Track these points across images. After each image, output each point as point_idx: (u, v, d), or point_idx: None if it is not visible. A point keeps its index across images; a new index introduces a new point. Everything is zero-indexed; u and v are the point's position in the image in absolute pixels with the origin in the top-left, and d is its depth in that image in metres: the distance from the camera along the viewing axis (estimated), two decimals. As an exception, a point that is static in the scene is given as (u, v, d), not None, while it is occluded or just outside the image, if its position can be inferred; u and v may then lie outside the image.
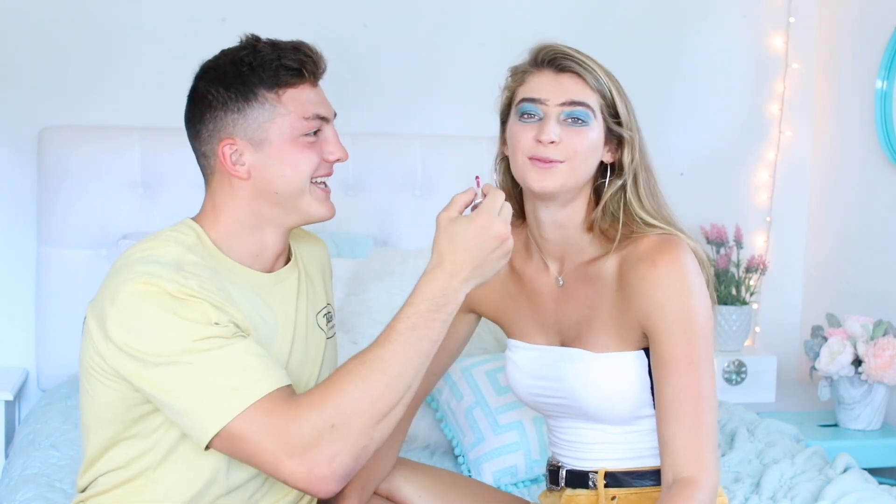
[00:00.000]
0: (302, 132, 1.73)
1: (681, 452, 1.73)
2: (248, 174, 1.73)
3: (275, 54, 1.72)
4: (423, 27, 3.40)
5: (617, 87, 1.83)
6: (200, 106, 1.74)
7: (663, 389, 1.76)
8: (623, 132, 1.82)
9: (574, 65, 1.80)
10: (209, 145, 1.75)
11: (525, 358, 1.94)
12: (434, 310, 1.65)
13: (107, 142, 3.11)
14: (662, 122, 3.61)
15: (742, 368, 3.41)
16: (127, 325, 1.62)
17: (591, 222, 1.85)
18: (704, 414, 1.73)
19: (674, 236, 1.81)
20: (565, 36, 1.88)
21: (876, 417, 3.11)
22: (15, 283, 3.18)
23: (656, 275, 1.76)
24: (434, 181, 3.31)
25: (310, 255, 1.95)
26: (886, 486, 2.37)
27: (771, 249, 3.70)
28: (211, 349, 1.60)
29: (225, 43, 1.81)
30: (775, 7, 3.64)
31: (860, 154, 3.46)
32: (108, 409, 1.71)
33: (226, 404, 1.59)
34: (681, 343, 1.75)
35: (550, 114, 1.79)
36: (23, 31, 3.14)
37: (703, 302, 1.78)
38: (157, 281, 1.62)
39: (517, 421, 2.53)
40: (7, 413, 2.98)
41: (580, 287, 1.87)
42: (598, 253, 1.85)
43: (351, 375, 1.62)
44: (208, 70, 1.76)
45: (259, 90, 1.72)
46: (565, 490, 1.93)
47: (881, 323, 3.04)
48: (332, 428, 1.59)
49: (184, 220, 1.79)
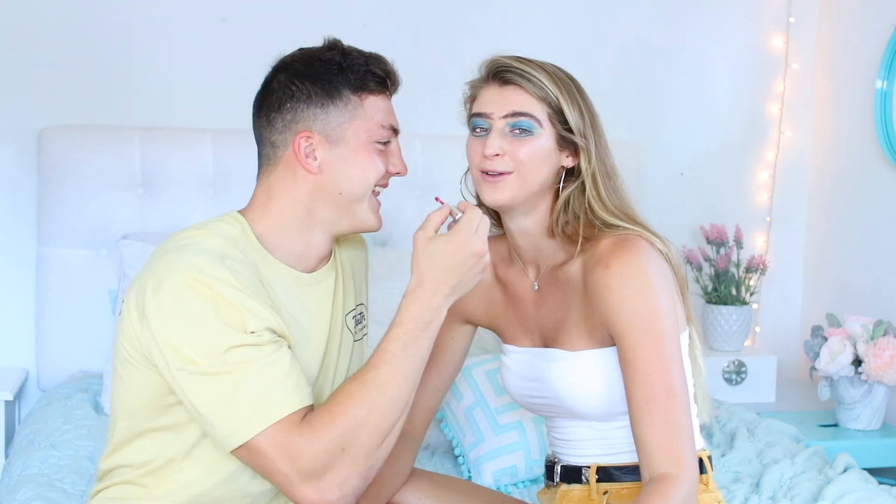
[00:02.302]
0: (376, 139, 1.78)
1: (655, 451, 1.73)
2: (318, 169, 1.75)
3: (363, 60, 1.78)
4: (424, 27, 3.40)
5: (567, 94, 1.82)
6: (280, 95, 1.76)
7: (632, 389, 1.77)
8: (575, 139, 1.82)
9: (516, 76, 1.82)
10: (283, 135, 1.76)
11: (514, 361, 1.97)
12: (420, 328, 1.70)
13: (107, 142, 3.10)
14: (662, 123, 3.61)
15: (742, 368, 3.41)
16: (167, 318, 1.64)
17: (551, 227, 1.87)
18: (676, 411, 1.74)
19: (631, 236, 1.81)
20: (564, 35, 1.89)
21: (876, 417, 3.11)
22: (15, 283, 3.18)
23: (609, 277, 1.77)
24: (434, 181, 3.31)
25: (351, 254, 1.96)
26: (886, 486, 2.38)
27: (771, 249, 3.70)
28: (243, 361, 1.63)
29: (225, 43, 1.81)
30: (775, 7, 3.64)
31: (860, 154, 3.46)
32: (138, 394, 1.73)
33: (251, 420, 1.62)
34: (643, 343, 1.76)
35: (495, 127, 1.82)
36: (23, 32, 3.14)
37: (663, 299, 1.77)
38: (201, 276, 1.63)
39: (517, 421, 2.53)
40: (7, 413, 2.97)
41: (554, 290, 1.89)
42: (566, 257, 1.88)
43: (353, 398, 1.66)
44: (292, 63, 1.78)
45: (345, 91, 1.76)
46: (561, 485, 1.95)
47: (881, 323, 3.04)
48: (342, 451, 1.64)
49: (230, 212, 1.80)
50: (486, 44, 2.01)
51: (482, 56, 1.90)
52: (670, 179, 3.62)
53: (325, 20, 3.28)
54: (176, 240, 1.72)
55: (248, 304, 1.64)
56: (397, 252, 3.06)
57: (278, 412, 1.62)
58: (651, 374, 1.75)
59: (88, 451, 2.48)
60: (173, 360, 1.64)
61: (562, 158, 1.84)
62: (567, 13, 3.47)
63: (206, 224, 1.76)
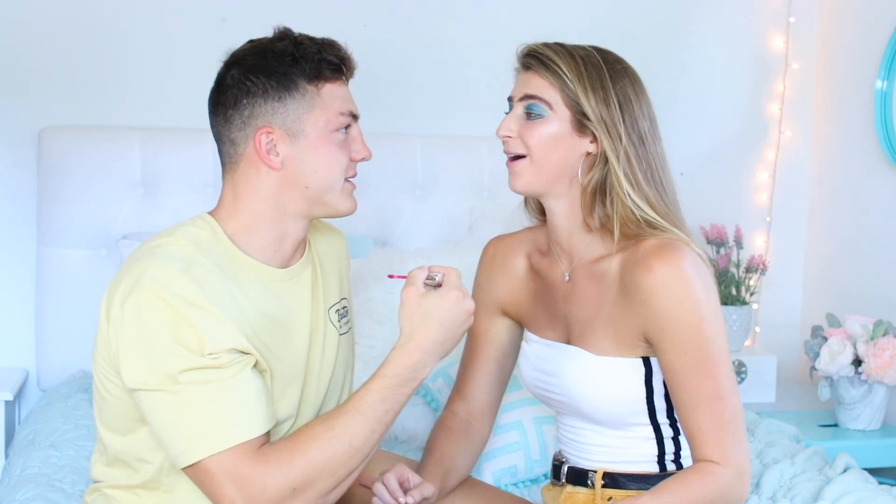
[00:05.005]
0: (336, 127, 1.74)
1: (702, 445, 1.76)
2: (280, 165, 1.73)
3: (315, 48, 1.74)
4: (424, 27, 3.39)
5: (588, 78, 1.82)
6: (235, 91, 1.73)
7: (676, 395, 1.78)
8: (591, 126, 1.81)
9: (533, 61, 1.84)
10: (243, 132, 1.73)
11: (534, 350, 1.96)
12: (401, 384, 1.70)
13: (107, 142, 3.10)
14: (662, 122, 3.56)
15: (742, 368, 3.41)
16: (129, 332, 1.64)
17: (586, 220, 1.86)
18: (723, 411, 1.76)
19: (674, 240, 1.79)
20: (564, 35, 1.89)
21: (876, 417, 3.11)
22: (15, 283, 3.17)
23: (653, 281, 1.76)
24: (434, 181, 3.31)
25: (327, 247, 1.94)
26: (886, 486, 2.37)
27: (771, 249, 3.70)
28: (198, 382, 1.62)
29: (225, 43, 1.81)
30: (775, 7, 3.64)
31: (860, 154, 3.46)
32: (112, 396, 1.73)
33: (202, 441, 1.62)
34: (688, 350, 1.75)
35: (514, 110, 1.85)
36: (23, 32, 3.14)
37: (707, 306, 1.76)
38: (164, 293, 1.62)
39: (517, 421, 2.52)
40: (7, 413, 2.97)
41: (586, 284, 1.88)
42: (603, 251, 1.86)
43: (317, 441, 1.66)
44: (244, 57, 1.75)
45: (300, 81, 1.72)
46: (566, 486, 1.95)
47: (881, 323, 3.04)
48: (293, 491, 1.64)
49: (200, 214, 1.79)
50: (486, 44, 2.01)
51: (482, 56, 1.91)
52: (670, 179, 3.62)
53: (325, 20, 3.28)
54: (149, 247, 1.72)
55: (208, 324, 1.63)
56: (397, 252, 3.06)
57: (230, 439, 1.62)
58: (693, 381, 1.75)
59: (88, 451, 2.47)
60: (128, 374, 1.65)
61: (584, 144, 1.83)
62: (566, 13, 3.47)
63: (176, 229, 1.75)
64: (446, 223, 3.28)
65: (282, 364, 1.75)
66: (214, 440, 1.62)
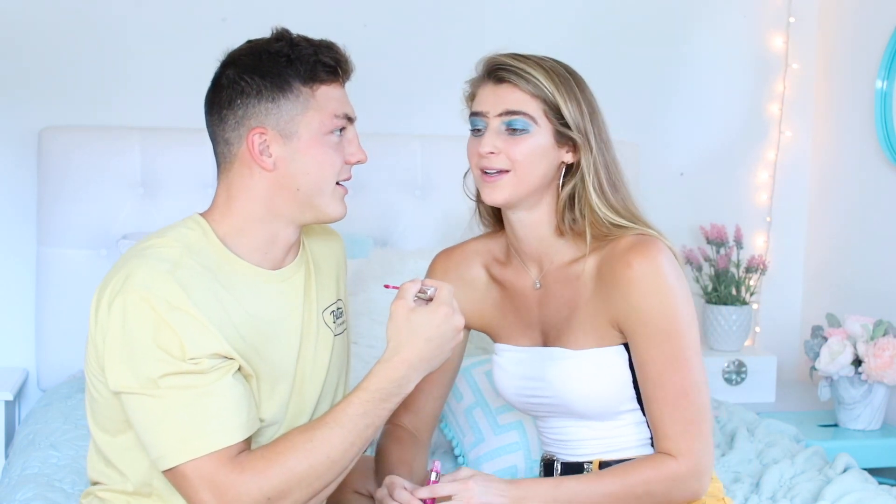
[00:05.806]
0: (330, 129, 1.73)
1: (664, 440, 1.80)
2: (273, 166, 1.72)
3: (311, 49, 1.73)
4: (423, 27, 3.40)
5: (565, 89, 1.82)
6: (230, 91, 1.72)
7: (645, 387, 1.81)
8: (572, 135, 1.82)
9: (510, 74, 1.82)
10: (236, 132, 1.73)
11: (510, 360, 1.97)
12: (385, 398, 1.69)
13: (107, 142, 3.10)
14: (662, 122, 3.61)
15: (742, 368, 3.41)
16: (114, 335, 1.65)
17: (559, 225, 1.87)
18: (689, 408, 1.78)
19: (650, 236, 1.83)
20: (564, 35, 1.89)
21: (876, 417, 3.11)
22: (15, 283, 3.18)
23: (631, 276, 1.79)
24: (434, 181, 3.31)
25: (323, 249, 1.93)
26: (886, 486, 2.37)
27: (771, 249, 3.70)
28: (178, 387, 1.63)
29: (225, 43, 1.81)
30: (775, 7, 3.64)
31: (860, 154, 3.46)
32: (101, 397, 1.73)
33: (181, 446, 1.63)
34: (659, 342, 1.78)
35: (491, 125, 1.83)
36: (23, 32, 3.14)
37: (681, 300, 1.80)
38: (149, 296, 1.63)
39: (517, 421, 2.53)
40: (7, 413, 2.97)
41: (560, 288, 1.89)
42: (575, 254, 1.88)
43: (296, 452, 1.65)
44: (240, 57, 1.74)
45: (295, 83, 1.71)
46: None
47: (881, 323, 3.04)
48: (267, 500, 1.64)
49: (192, 215, 1.78)
50: (486, 44, 2.01)
51: (483, 56, 1.90)
52: (670, 179, 3.62)
53: (325, 20, 3.28)
54: (139, 248, 1.72)
55: (191, 329, 1.63)
56: (397, 252, 3.06)
57: (208, 445, 1.62)
58: (663, 374, 1.78)
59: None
60: (111, 377, 1.66)
61: (561, 154, 1.85)
62: (566, 13, 3.47)
63: (168, 231, 1.75)
64: (446, 223, 3.28)
65: (269, 366, 1.75)
66: (192, 445, 1.62)
